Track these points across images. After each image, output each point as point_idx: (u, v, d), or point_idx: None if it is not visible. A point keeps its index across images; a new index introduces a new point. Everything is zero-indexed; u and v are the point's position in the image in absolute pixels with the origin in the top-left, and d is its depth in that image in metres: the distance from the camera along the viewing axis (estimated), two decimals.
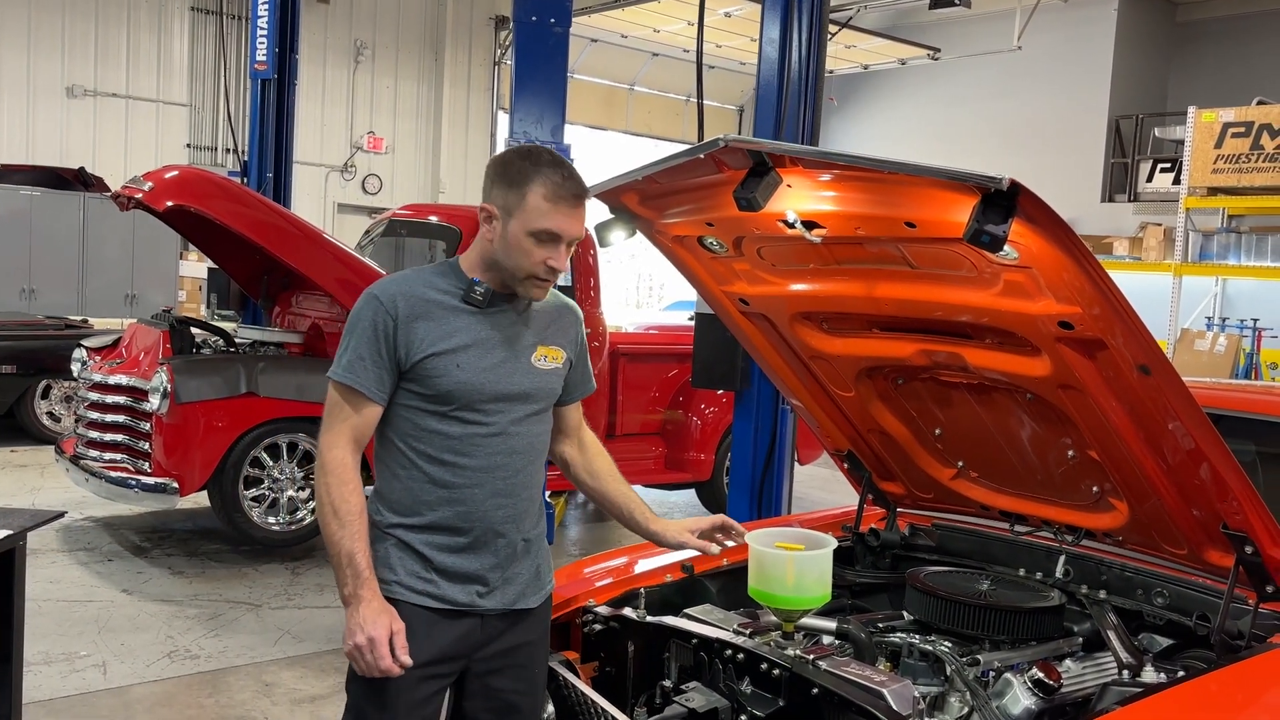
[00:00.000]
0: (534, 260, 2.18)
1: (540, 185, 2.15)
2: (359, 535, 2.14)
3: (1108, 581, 2.77)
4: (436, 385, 2.19)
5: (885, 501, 3.27)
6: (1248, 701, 2.19)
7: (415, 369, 2.19)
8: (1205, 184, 12.20)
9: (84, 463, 6.34)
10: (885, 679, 2.17)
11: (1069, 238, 1.98)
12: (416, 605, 2.21)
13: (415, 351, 2.18)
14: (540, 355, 2.31)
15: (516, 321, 2.29)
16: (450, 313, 2.22)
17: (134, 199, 6.22)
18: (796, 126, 4.71)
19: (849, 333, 2.78)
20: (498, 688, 2.31)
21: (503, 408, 2.24)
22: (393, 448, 2.25)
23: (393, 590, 2.20)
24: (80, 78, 14.75)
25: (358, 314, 2.22)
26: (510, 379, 2.25)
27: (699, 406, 7.87)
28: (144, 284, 13.21)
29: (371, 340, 2.18)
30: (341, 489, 2.15)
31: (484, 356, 2.22)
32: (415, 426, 2.22)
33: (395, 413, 2.24)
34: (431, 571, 2.22)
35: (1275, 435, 3.27)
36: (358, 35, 16.94)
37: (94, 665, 4.68)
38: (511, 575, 2.29)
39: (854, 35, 14.50)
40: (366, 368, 2.18)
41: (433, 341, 2.19)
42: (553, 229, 2.16)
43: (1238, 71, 14.90)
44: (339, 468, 2.16)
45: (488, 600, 2.26)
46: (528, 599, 2.32)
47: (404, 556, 2.22)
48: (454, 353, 2.19)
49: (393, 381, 2.20)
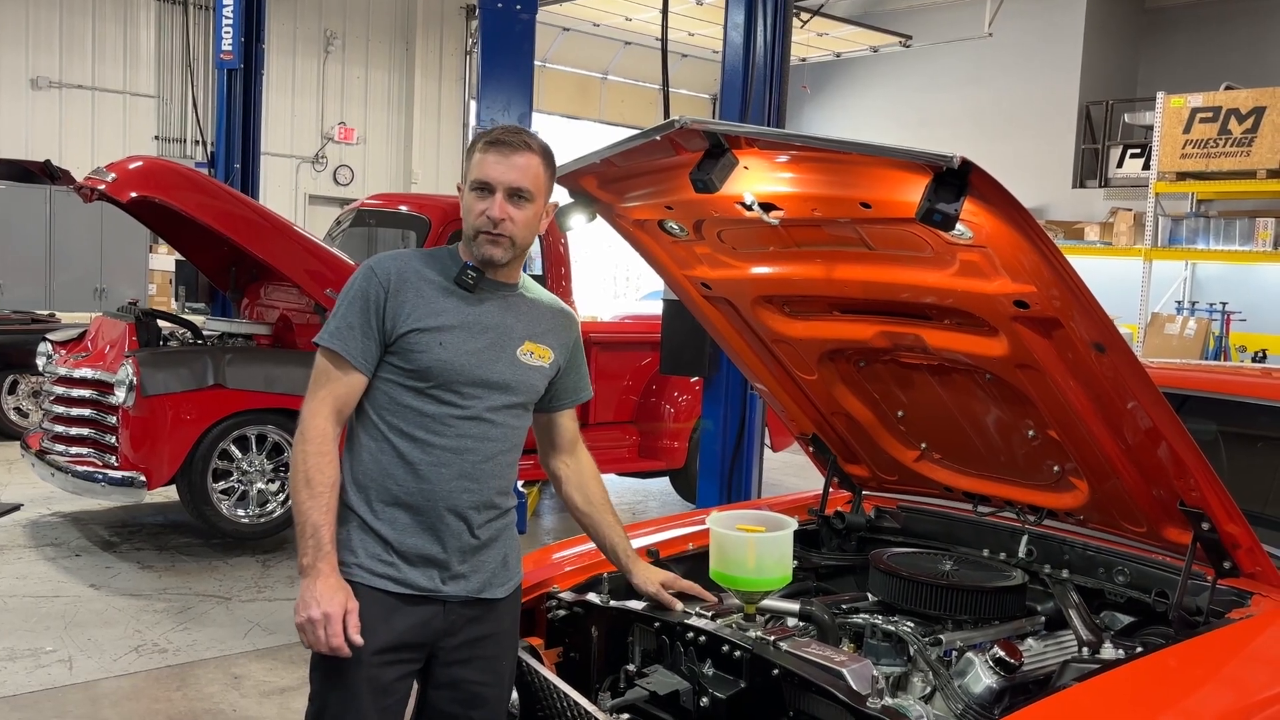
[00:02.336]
0: (475, 215, 2.21)
1: (479, 141, 2.23)
2: (328, 509, 2.15)
3: (1070, 560, 2.79)
4: (417, 360, 2.20)
5: (851, 484, 3.28)
6: (1205, 676, 2.21)
7: (399, 342, 2.20)
8: (1174, 169, 12.29)
9: (50, 457, 6.28)
10: (845, 659, 2.17)
11: (1022, 216, 1.99)
12: (377, 589, 2.19)
13: (401, 324, 2.20)
14: (527, 350, 2.31)
15: (508, 312, 2.30)
16: (441, 292, 2.24)
17: (97, 190, 6.15)
18: (762, 111, 4.70)
19: (810, 315, 2.78)
20: (464, 678, 2.30)
21: (481, 394, 2.24)
22: (366, 419, 2.26)
23: (353, 573, 2.19)
24: (45, 69, 14.55)
25: (352, 283, 2.25)
26: (492, 366, 2.26)
27: (672, 394, 7.87)
28: (113, 277, 13.08)
29: (362, 309, 2.20)
30: (319, 460, 2.15)
31: (469, 340, 2.23)
32: (391, 400, 2.23)
33: (374, 384, 2.25)
34: (392, 554, 2.21)
35: (1236, 414, 3.30)
36: (327, 25, 16.79)
37: (60, 660, 4.64)
38: (476, 563, 2.27)
39: (826, 23, 14.48)
40: (355, 336, 2.20)
41: (419, 317, 2.20)
42: (482, 177, 2.19)
43: (1206, 57, 15.01)
44: (318, 437, 2.17)
45: (450, 586, 2.24)
46: (493, 589, 2.30)
47: (365, 539, 2.22)
48: (439, 331, 2.21)
49: (378, 353, 2.22)
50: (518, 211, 2.21)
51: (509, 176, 2.19)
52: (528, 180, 2.21)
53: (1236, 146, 11.75)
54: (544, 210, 2.30)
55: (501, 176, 2.19)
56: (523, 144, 2.22)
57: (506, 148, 2.20)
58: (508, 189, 2.20)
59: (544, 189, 2.28)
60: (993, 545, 2.94)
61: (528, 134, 2.26)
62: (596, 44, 17.93)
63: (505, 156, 2.20)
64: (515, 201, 2.21)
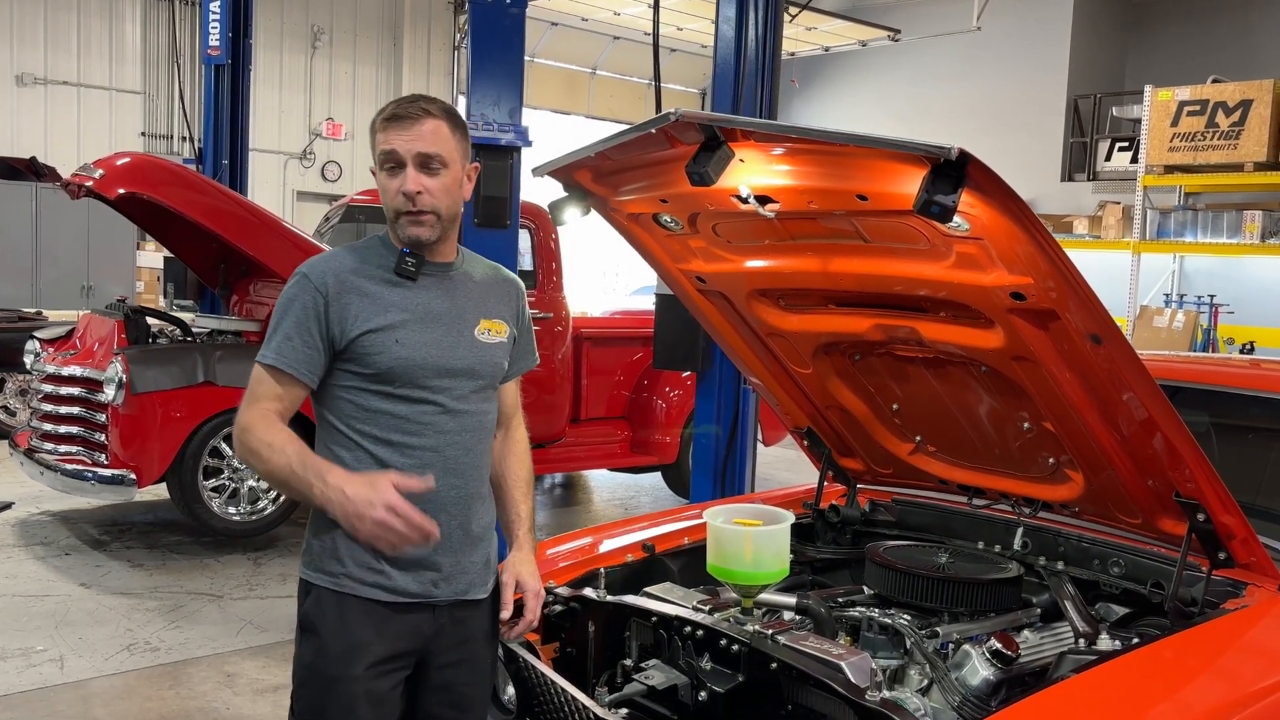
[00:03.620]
0: (390, 194, 2.12)
1: (378, 118, 2.13)
2: (300, 449, 2.05)
3: (1065, 552, 2.79)
4: (376, 363, 2.11)
5: (845, 478, 3.28)
6: (1201, 667, 2.22)
7: (351, 347, 2.11)
8: (1162, 162, 12.32)
9: (39, 456, 6.24)
10: (843, 652, 2.17)
11: (1019, 208, 1.98)
12: (367, 599, 2.12)
13: (350, 329, 2.11)
14: (484, 329, 2.23)
15: (456, 294, 2.22)
16: (384, 286, 2.15)
17: (85, 187, 6.12)
18: (754, 104, 4.69)
19: (805, 309, 2.78)
20: (454, 681, 2.25)
21: (448, 384, 2.17)
22: (334, 431, 2.17)
23: (341, 584, 2.12)
24: (30, 65, 14.46)
25: (287, 295, 2.14)
26: (453, 353, 2.18)
27: (664, 389, 7.87)
28: (100, 275, 13.01)
29: (300, 320, 2.11)
30: (266, 431, 2.06)
31: (423, 331, 2.15)
32: (358, 408, 2.14)
33: (334, 395, 2.16)
34: (381, 561, 2.12)
35: (1226, 405, 3.31)
36: (314, 20, 16.73)
37: (51, 660, 4.61)
38: (465, 563, 2.22)
39: (814, 17, 14.45)
40: (296, 348, 2.10)
41: (368, 318, 2.11)
42: (387, 149, 2.09)
43: (1193, 50, 15.05)
44: (259, 417, 2.08)
45: (441, 589, 2.18)
46: (477, 590, 2.25)
47: (352, 546, 2.11)
48: (392, 328, 2.12)
49: (325, 362, 2.13)
50: (433, 181, 2.11)
51: (416, 145, 2.09)
52: (436, 145, 2.10)
53: (1224, 139, 11.79)
54: (464, 175, 2.19)
55: (408, 147, 2.09)
56: (422, 110, 2.11)
57: (406, 120, 2.10)
58: (417, 158, 2.09)
59: (457, 152, 2.15)
60: (987, 538, 2.94)
61: (426, 99, 2.15)
62: (585, 39, 17.90)
63: (407, 127, 2.09)
64: (428, 171, 2.11)
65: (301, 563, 2.21)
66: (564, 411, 7.40)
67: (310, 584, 2.17)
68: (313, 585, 2.17)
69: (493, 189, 4.98)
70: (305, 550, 2.20)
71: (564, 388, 7.36)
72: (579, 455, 7.64)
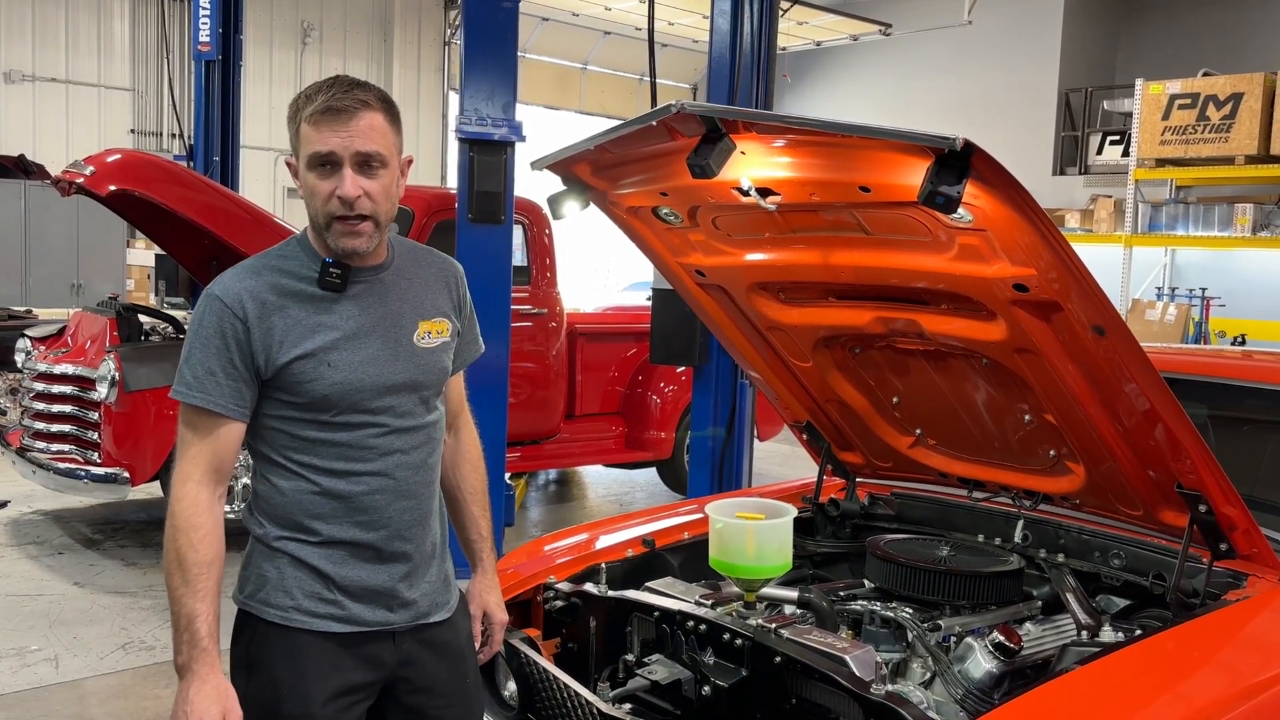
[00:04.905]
0: (321, 199, 1.86)
1: (306, 108, 1.86)
2: (205, 594, 1.81)
3: (1065, 545, 2.79)
4: (309, 391, 1.89)
5: (844, 472, 3.28)
6: (1204, 658, 2.22)
7: (280, 376, 1.88)
8: (1153, 155, 12.34)
9: (31, 455, 6.19)
10: (848, 646, 2.17)
11: (1023, 199, 1.98)
12: (319, 632, 1.93)
13: (276, 355, 1.87)
14: (424, 332, 2.01)
15: (389, 298, 1.98)
16: (308, 303, 1.90)
17: (75, 184, 6.06)
18: (750, 98, 4.68)
19: (806, 302, 2.77)
20: (425, 705, 2.06)
21: (390, 402, 1.95)
22: (269, 462, 1.95)
23: (291, 618, 1.92)
24: (18, 62, 14.37)
25: (199, 320, 1.88)
26: (393, 367, 1.96)
27: (658, 385, 7.86)
28: (90, 273, 12.95)
29: (221, 350, 1.86)
30: (190, 535, 1.82)
31: (358, 348, 1.92)
32: (294, 438, 1.92)
33: (265, 425, 1.94)
34: (335, 591, 1.93)
35: (1221, 397, 3.31)
36: (304, 16, 16.65)
37: (45, 659, 4.58)
38: (422, 586, 2.03)
39: (806, 11, 14.46)
40: (219, 382, 1.86)
41: (295, 342, 1.88)
42: (321, 150, 1.84)
43: (1184, 44, 15.08)
44: (188, 509, 1.84)
45: (399, 614, 1.99)
46: (439, 610, 2.07)
47: (301, 576, 1.92)
48: (322, 351, 1.89)
49: (253, 394, 1.90)
50: (372, 183, 1.86)
51: (354, 144, 1.83)
52: (376, 143, 1.86)
53: (1215, 133, 11.82)
54: (400, 170, 1.94)
55: (345, 145, 1.83)
56: (360, 103, 1.85)
57: (343, 114, 1.83)
58: (355, 158, 1.84)
59: (395, 148, 1.91)
60: (988, 530, 2.94)
61: (361, 87, 1.88)
62: (576, 34, 17.86)
63: (344, 123, 1.83)
64: (367, 172, 1.85)
65: (237, 591, 1.99)
66: (558, 407, 7.39)
67: (251, 616, 1.97)
68: (255, 617, 1.96)
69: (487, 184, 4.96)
70: (242, 579, 1.99)
71: (558, 384, 7.34)
72: (573, 451, 7.63)
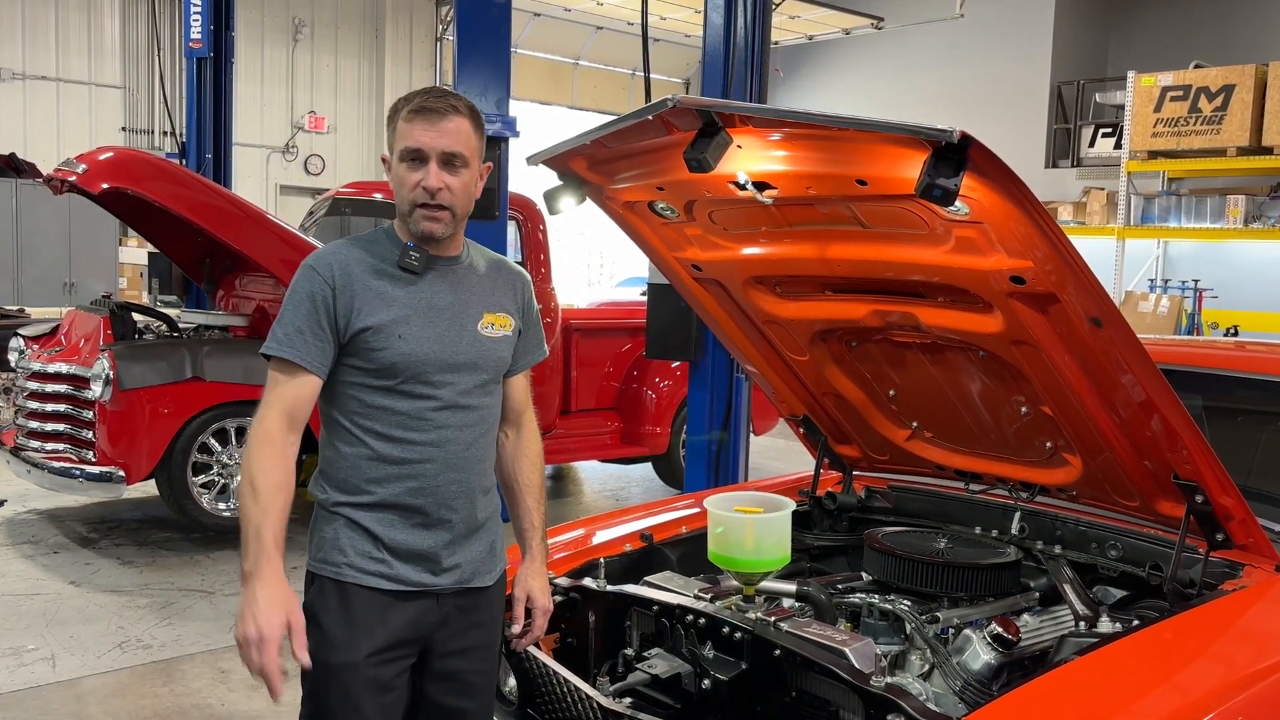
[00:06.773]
0: (409, 188, 2.11)
1: (404, 108, 2.11)
2: (272, 511, 2.01)
3: (1062, 536, 2.80)
4: (379, 359, 2.11)
5: (841, 465, 3.28)
6: (1201, 648, 2.22)
7: (354, 342, 2.11)
8: (1146, 148, 12.37)
9: (25, 454, 6.18)
10: (847, 638, 2.17)
11: (1020, 191, 1.98)
12: (370, 588, 2.13)
13: (354, 322, 2.10)
14: (487, 323, 2.23)
15: (459, 287, 2.21)
16: (388, 281, 2.14)
17: (68, 182, 6.05)
18: (744, 91, 4.68)
19: (802, 296, 2.77)
20: (458, 669, 2.24)
21: (451, 379, 2.16)
22: (337, 426, 2.18)
23: (344, 573, 2.14)
24: (8, 60, 14.32)
25: (295, 287, 2.14)
26: (456, 348, 2.17)
27: (654, 380, 7.86)
28: (82, 271, 12.89)
29: (310, 312, 2.10)
30: (263, 461, 2.05)
31: (427, 326, 2.15)
32: (360, 403, 2.14)
33: (338, 390, 2.16)
34: (383, 550, 2.14)
35: (1214, 388, 3.32)
36: (295, 13, 16.61)
37: (43, 659, 4.58)
38: (466, 553, 2.22)
39: (798, 5, 14.44)
40: (306, 340, 2.09)
41: (371, 312, 2.11)
42: (412, 145, 2.08)
43: (1176, 36, 15.09)
44: (264, 439, 2.07)
45: (442, 579, 2.19)
46: (482, 577, 2.25)
47: (354, 536, 2.14)
48: (395, 323, 2.12)
49: (334, 353, 2.12)
50: (454, 179, 2.11)
51: (441, 142, 2.09)
52: (460, 144, 2.11)
53: (1207, 125, 11.84)
54: (479, 174, 2.19)
55: (434, 143, 2.08)
56: (450, 108, 2.10)
57: (434, 114, 2.09)
58: (441, 155, 2.09)
59: (477, 152, 2.16)
60: (985, 523, 2.95)
61: (454, 95, 2.14)
62: (568, 29, 17.82)
63: (434, 123, 2.08)
64: (450, 169, 2.11)
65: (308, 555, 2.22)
66: (554, 403, 7.39)
67: (314, 575, 2.19)
68: (316, 576, 2.18)
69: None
70: (310, 543, 2.21)
71: (553, 379, 7.34)
72: (569, 446, 7.63)
